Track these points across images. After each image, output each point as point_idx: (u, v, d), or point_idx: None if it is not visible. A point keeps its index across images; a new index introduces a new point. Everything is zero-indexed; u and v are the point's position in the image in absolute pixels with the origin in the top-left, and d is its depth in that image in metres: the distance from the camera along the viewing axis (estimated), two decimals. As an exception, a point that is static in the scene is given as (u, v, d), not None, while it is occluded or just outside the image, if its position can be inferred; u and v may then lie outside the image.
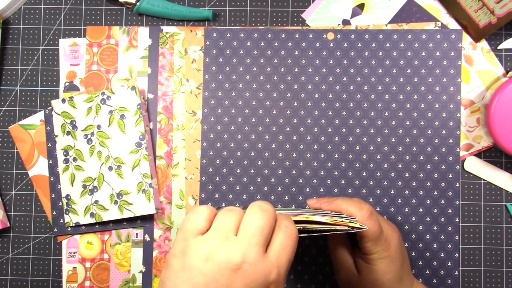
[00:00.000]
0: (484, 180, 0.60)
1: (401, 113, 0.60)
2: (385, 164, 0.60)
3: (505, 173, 0.60)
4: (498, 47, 0.61)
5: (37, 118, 0.62)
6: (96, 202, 0.59)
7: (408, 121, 0.60)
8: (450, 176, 0.59)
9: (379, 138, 0.60)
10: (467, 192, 0.60)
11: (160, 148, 0.61)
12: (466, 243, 0.60)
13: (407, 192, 0.60)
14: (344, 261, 0.51)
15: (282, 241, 0.38)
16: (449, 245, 0.59)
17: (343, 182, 0.60)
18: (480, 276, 0.60)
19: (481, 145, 0.60)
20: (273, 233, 0.38)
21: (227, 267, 0.35)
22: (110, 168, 0.59)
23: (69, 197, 0.60)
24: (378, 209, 0.60)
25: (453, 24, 0.61)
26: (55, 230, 0.61)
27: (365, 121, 0.60)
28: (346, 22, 0.61)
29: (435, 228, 0.59)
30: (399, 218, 0.59)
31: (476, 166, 0.60)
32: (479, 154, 0.61)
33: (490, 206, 0.60)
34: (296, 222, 0.41)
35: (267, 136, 0.61)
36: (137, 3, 0.61)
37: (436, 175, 0.59)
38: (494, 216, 0.60)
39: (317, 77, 0.61)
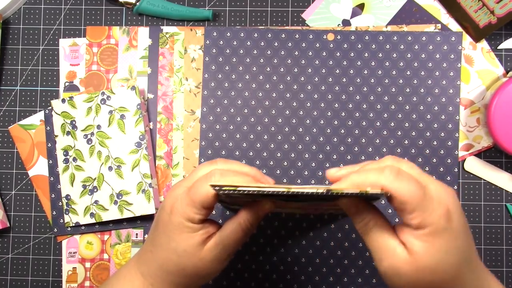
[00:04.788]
0: (484, 180, 0.60)
1: (400, 114, 0.60)
2: (385, 165, 0.60)
3: (505, 173, 0.60)
4: (498, 47, 0.60)
5: (37, 118, 0.62)
6: (96, 202, 0.60)
7: (407, 123, 0.60)
8: (448, 178, 0.59)
9: (377, 140, 0.60)
10: (467, 192, 0.60)
11: (160, 148, 0.61)
12: (466, 243, 0.60)
13: (406, 192, 0.59)
14: (384, 245, 0.39)
15: None
16: (449, 245, 0.59)
17: (342, 182, 0.60)
18: (479, 276, 0.60)
19: (481, 145, 0.60)
20: None
21: None
22: (110, 168, 0.59)
23: (69, 197, 0.60)
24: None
25: (453, 25, 0.61)
26: (55, 230, 0.61)
27: (363, 122, 0.60)
28: (346, 22, 0.61)
29: (434, 228, 0.59)
30: (397, 220, 0.59)
31: (476, 166, 0.60)
32: (479, 154, 0.60)
33: (490, 206, 0.60)
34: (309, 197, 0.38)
35: (265, 136, 0.61)
36: (137, 3, 0.61)
37: (434, 177, 0.59)
38: (494, 216, 0.60)
39: (316, 78, 0.60)
